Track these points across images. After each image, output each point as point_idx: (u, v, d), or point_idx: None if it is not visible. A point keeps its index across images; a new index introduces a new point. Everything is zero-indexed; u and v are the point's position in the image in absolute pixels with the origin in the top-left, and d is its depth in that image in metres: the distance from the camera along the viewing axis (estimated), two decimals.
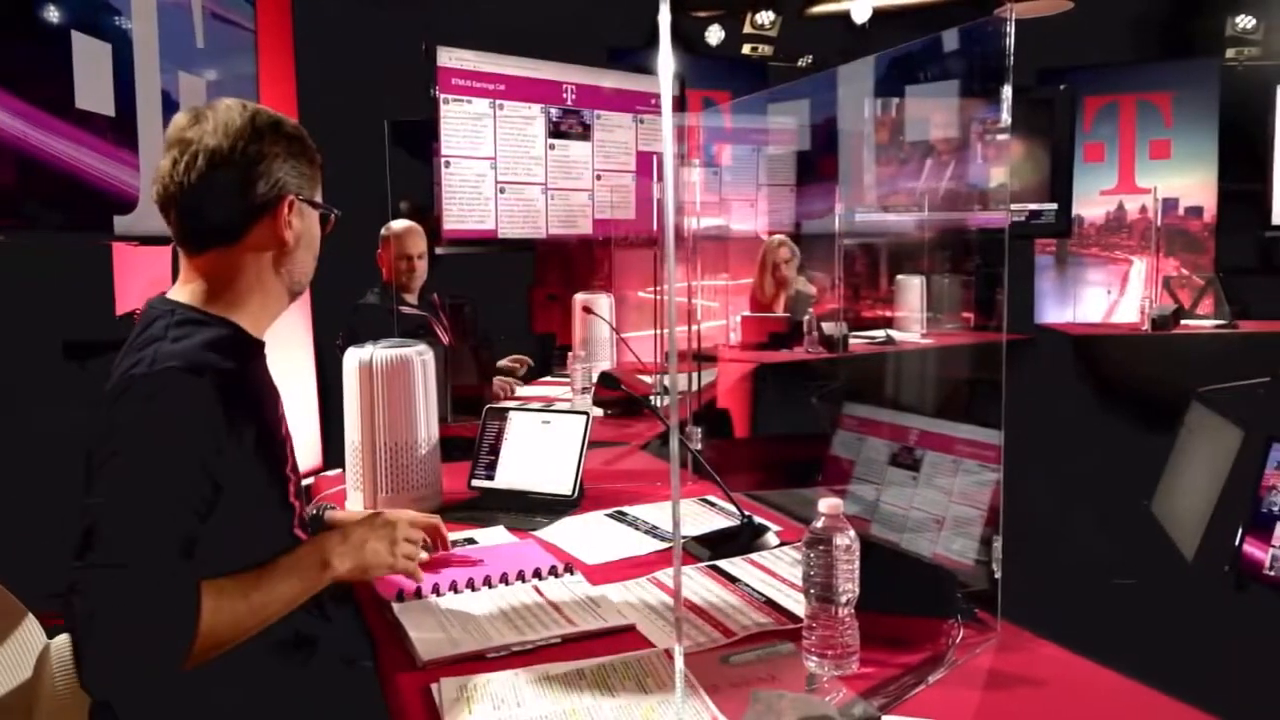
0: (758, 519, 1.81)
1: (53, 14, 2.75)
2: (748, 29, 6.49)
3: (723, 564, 1.65)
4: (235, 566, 1.24)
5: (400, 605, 1.47)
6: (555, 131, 4.72)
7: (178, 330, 1.26)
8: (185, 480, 1.17)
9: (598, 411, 2.92)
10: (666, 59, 0.82)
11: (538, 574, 1.59)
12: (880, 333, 4.52)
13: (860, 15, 5.79)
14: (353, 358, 1.96)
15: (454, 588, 1.53)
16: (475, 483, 2.12)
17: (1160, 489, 3.73)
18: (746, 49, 6.52)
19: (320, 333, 4.06)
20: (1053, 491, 3.61)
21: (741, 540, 1.74)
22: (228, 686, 1.21)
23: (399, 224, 3.62)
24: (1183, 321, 5.12)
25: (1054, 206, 6.07)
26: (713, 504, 2.02)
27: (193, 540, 1.16)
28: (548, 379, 3.86)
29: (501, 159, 4.51)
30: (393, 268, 3.59)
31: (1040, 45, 5.55)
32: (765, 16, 6.41)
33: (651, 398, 2.88)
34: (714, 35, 6.45)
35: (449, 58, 4.30)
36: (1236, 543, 2.48)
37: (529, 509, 1.99)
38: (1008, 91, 1.36)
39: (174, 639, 1.12)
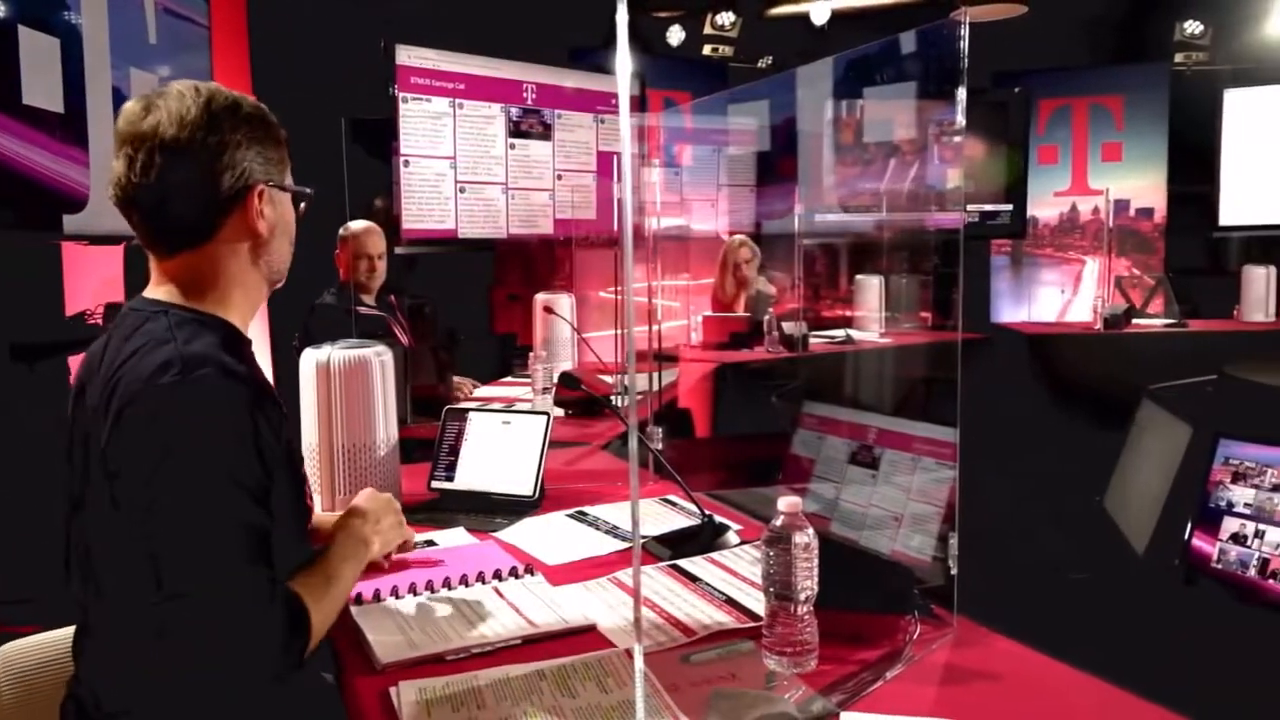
0: (718, 518, 1.82)
1: None
2: (708, 30, 6.52)
3: (683, 563, 1.65)
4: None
5: (358, 608, 1.46)
6: (516, 131, 4.70)
7: (182, 331, 1.19)
8: (253, 483, 1.13)
9: (558, 412, 2.91)
10: (624, 59, 0.82)
11: (498, 575, 1.58)
12: (840, 332, 4.58)
13: (819, 17, 5.84)
14: (310, 358, 1.94)
15: (413, 590, 1.52)
16: (435, 484, 2.11)
17: (1112, 485, 3.80)
18: (707, 50, 6.55)
19: (276, 333, 4.01)
20: (1008, 488, 3.67)
21: (702, 539, 1.74)
22: (199, 700, 1.16)
23: (357, 224, 3.58)
24: (1134, 320, 5.22)
25: (1009, 207, 6.17)
26: (673, 503, 2.02)
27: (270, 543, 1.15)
28: (508, 379, 3.84)
29: (461, 158, 4.48)
30: (351, 268, 3.55)
31: (995, 49, 5.63)
32: (725, 18, 6.44)
33: (612, 398, 2.88)
34: (674, 36, 6.46)
35: (408, 56, 4.27)
36: (1186, 537, 2.53)
37: (489, 510, 1.98)
38: (962, 94, 1.38)
39: (295, 645, 1.14)
